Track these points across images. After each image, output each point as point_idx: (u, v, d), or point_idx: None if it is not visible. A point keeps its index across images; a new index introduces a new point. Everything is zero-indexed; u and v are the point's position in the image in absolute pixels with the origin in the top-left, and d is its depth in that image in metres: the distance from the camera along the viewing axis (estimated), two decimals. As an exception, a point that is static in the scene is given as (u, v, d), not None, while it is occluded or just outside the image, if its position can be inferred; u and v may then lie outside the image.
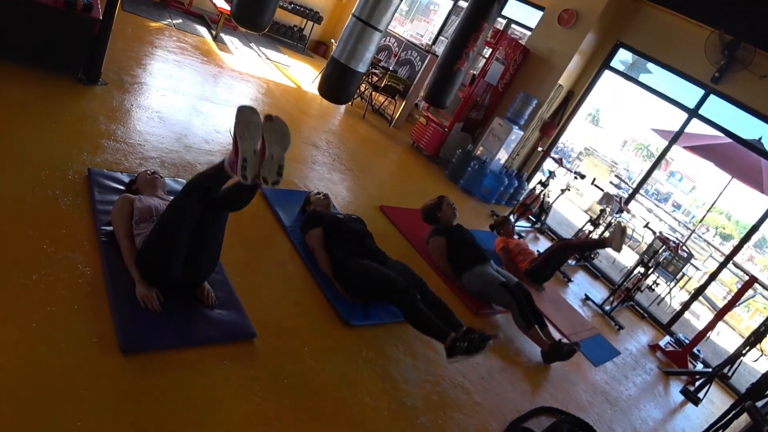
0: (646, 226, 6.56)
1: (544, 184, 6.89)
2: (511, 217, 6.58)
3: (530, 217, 7.26)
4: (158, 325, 2.34)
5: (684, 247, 6.38)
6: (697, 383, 4.97)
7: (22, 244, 2.45)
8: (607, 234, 4.94)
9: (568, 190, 7.18)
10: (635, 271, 6.14)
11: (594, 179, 6.99)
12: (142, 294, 2.41)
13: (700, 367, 5.51)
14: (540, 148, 7.80)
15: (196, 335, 2.42)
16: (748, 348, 5.00)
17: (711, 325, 5.59)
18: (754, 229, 6.23)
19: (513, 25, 8.95)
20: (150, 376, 2.13)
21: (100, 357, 2.09)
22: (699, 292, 6.59)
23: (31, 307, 2.15)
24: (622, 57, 7.93)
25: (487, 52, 7.70)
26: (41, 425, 1.76)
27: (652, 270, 6.10)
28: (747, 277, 5.80)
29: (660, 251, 6.20)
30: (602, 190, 6.74)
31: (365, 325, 3.19)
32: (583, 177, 6.93)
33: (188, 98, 5.22)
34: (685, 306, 6.50)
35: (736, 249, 6.43)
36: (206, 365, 2.33)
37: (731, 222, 22.46)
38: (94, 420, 1.85)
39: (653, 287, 6.51)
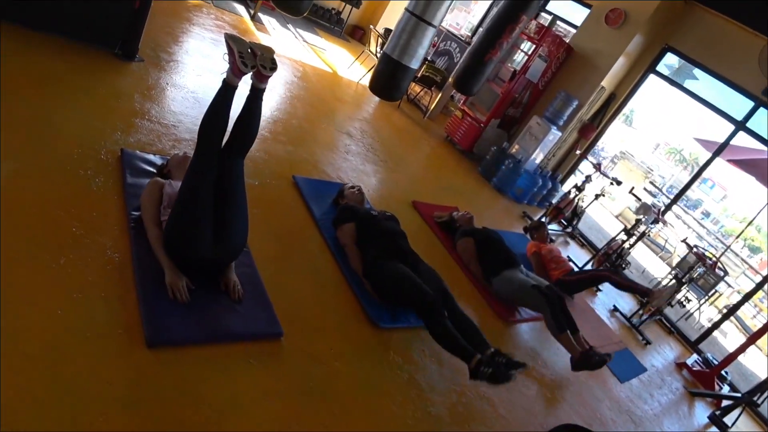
0: (684, 240, 6.36)
1: (580, 189, 6.72)
2: (544, 220, 6.45)
3: (562, 221, 7.10)
4: (185, 318, 2.28)
5: (719, 265, 6.17)
6: (723, 407, 4.82)
7: (52, 225, 2.40)
8: (652, 286, 4.81)
9: (603, 195, 6.99)
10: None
11: (632, 188, 6.79)
12: (171, 282, 2.35)
13: (726, 389, 5.35)
14: (578, 151, 7.61)
15: (223, 331, 2.36)
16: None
17: (742, 348, 5.41)
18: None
19: (558, 22, 8.71)
20: (174, 372, 2.08)
21: (125, 349, 2.05)
22: (731, 311, 6.40)
23: (57, 292, 2.10)
24: (669, 61, 7.67)
25: (530, 48, 7.48)
26: (63, 418, 1.71)
27: (686, 287, 5.93)
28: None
29: (695, 267, 6.01)
30: (640, 200, 6.55)
31: (393, 328, 3.12)
32: (619, 183, 6.75)
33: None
34: (715, 325, 6.31)
35: (775, 270, 6.21)
36: (231, 363, 2.27)
37: (761, 234, 21.93)
38: (116, 415, 1.81)
39: (684, 303, 6.32)
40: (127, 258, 2.47)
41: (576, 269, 5.75)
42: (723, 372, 5.45)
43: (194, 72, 4.90)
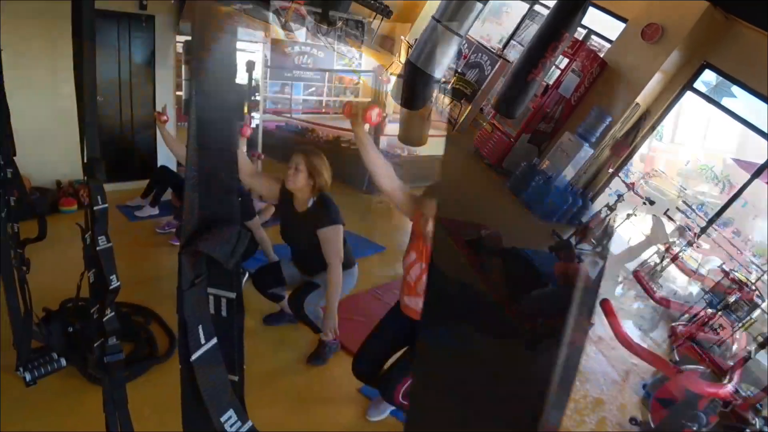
0: (720, 266, 6.14)
1: (611, 208, 6.56)
2: (572, 240, 6.29)
3: (592, 240, 6.92)
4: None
5: (758, 293, 5.94)
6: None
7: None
8: None
9: (635, 215, 6.81)
10: (700, 314, 5.78)
11: (667, 209, 6.60)
12: None
13: (760, 423, 5.11)
14: (610, 169, 7.43)
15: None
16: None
17: (780, 381, 5.16)
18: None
19: (592, 36, 8.55)
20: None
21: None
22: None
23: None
24: (705, 78, 7.46)
25: (563, 62, 7.34)
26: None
27: (719, 313, 5.73)
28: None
29: (730, 293, 5.79)
30: (675, 222, 6.36)
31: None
32: (652, 203, 6.57)
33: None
34: (750, 354, 6.05)
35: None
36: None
37: (791, 252, 21.23)
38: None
39: (718, 330, 6.08)
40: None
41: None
42: (757, 405, 5.22)
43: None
